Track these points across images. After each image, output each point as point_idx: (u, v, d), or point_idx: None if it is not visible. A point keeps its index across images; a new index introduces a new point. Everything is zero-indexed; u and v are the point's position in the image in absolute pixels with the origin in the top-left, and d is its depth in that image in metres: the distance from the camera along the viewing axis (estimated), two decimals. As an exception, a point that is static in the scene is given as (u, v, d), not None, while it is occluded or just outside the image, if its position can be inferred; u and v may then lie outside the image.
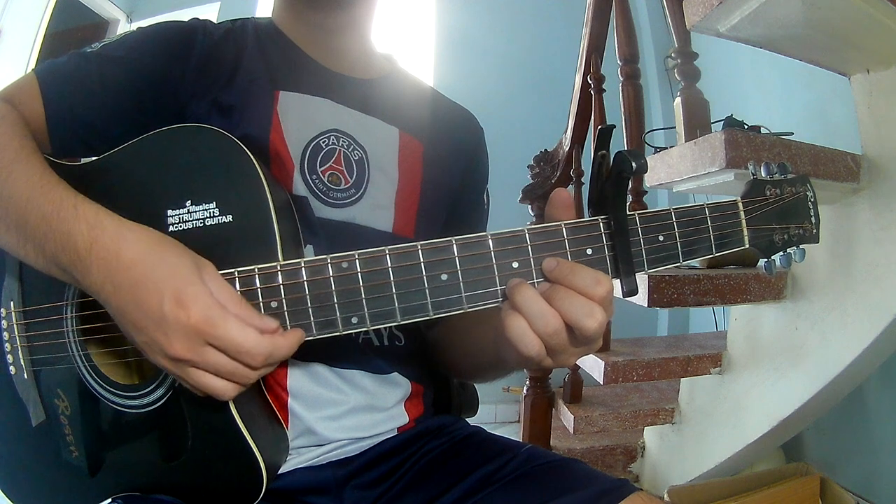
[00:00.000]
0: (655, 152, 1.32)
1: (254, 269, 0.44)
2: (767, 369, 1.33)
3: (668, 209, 0.47)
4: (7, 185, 0.48)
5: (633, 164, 0.43)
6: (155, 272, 0.42)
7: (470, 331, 0.63)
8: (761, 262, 0.52)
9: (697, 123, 1.28)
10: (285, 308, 0.44)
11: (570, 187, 1.81)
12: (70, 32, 2.71)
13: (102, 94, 0.57)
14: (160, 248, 0.43)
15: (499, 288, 0.44)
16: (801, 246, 0.52)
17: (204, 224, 0.48)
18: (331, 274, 0.44)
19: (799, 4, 0.92)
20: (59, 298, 0.55)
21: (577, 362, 1.65)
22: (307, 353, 0.58)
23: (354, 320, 0.44)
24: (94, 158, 0.56)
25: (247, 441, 0.49)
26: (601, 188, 0.46)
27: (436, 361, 0.71)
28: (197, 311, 0.41)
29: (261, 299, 0.44)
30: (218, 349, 0.41)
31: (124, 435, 0.55)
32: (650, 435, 1.79)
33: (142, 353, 0.44)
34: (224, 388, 0.43)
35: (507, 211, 1.07)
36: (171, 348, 0.41)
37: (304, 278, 0.44)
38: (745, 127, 1.17)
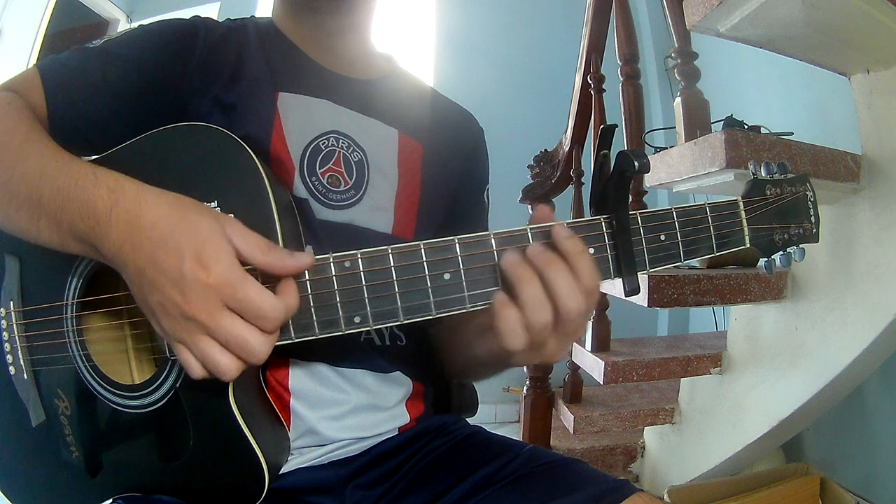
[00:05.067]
0: (655, 152, 1.32)
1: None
2: (767, 369, 1.33)
3: (670, 208, 0.47)
4: (18, 165, 0.48)
5: (636, 164, 0.43)
6: (176, 231, 0.41)
7: (454, 327, 0.63)
8: (761, 261, 0.52)
9: (697, 123, 1.28)
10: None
11: (570, 187, 1.81)
12: (70, 32, 2.71)
13: (105, 90, 0.57)
14: (182, 209, 0.43)
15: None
16: (800, 245, 0.52)
17: (205, 223, 0.48)
18: (333, 273, 0.44)
19: (799, 4, 0.92)
20: (59, 298, 0.55)
21: (577, 363, 1.66)
22: (309, 353, 0.58)
23: (357, 320, 0.44)
24: (95, 157, 0.56)
25: (248, 441, 0.49)
26: (603, 188, 0.46)
27: (436, 360, 0.71)
28: (217, 270, 0.40)
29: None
30: (235, 312, 0.40)
31: (125, 435, 0.55)
32: (650, 435, 1.79)
33: (151, 320, 0.43)
34: (228, 366, 0.41)
35: (507, 211, 1.07)
36: (188, 306, 0.40)
37: (307, 277, 0.44)
38: (745, 127, 1.17)
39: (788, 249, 0.51)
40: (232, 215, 0.44)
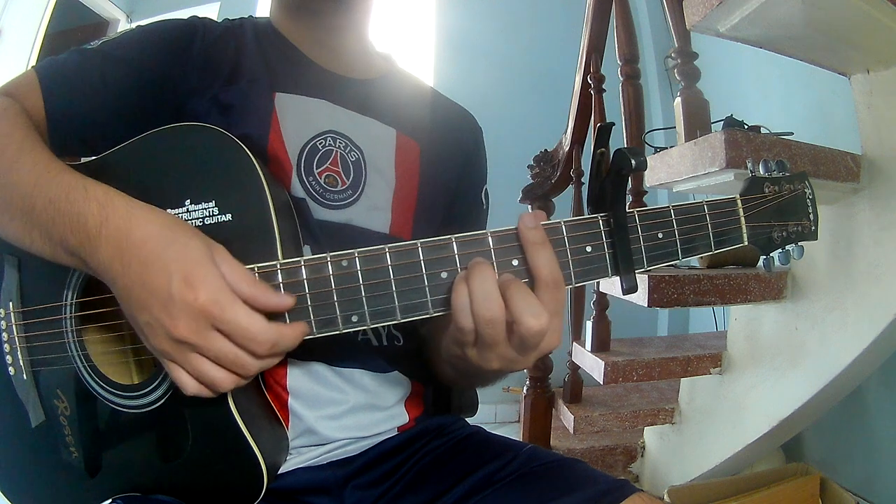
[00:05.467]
0: (655, 152, 1.32)
1: (254, 267, 0.44)
2: (767, 369, 1.33)
3: (668, 206, 0.47)
4: (12, 173, 0.48)
5: (633, 162, 0.43)
6: (165, 252, 0.41)
7: (438, 339, 0.62)
8: (761, 259, 0.52)
9: (697, 123, 1.28)
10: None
11: (570, 187, 1.81)
12: (70, 32, 2.71)
13: (103, 91, 0.57)
14: (172, 229, 0.43)
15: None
16: (799, 243, 0.52)
17: (203, 223, 0.48)
18: (330, 272, 0.44)
19: (799, 4, 0.92)
20: (58, 298, 0.55)
21: (577, 363, 1.65)
22: (307, 353, 0.58)
23: (355, 319, 0.44)
24: (93, 158, 0.56)
25: (247, 440, 0.49)
26: (600, 186, 0.46)
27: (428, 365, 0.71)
28: (205, 292, 0.40)
29: (260, 298, 0.44)
30: (223, 334, 0.41)
31: (124, 435, 0.55)
32: (650, 435, 1.79)
33: (142, 337, 0.43)
34: (222, 380, 0.42)
35: (507, 211, 1.07)
36: (176, 329, 0.40)
37: (304, 277, 0.44)
38: (745, 127, 1.17)
39: (787, 247, 0.51)
40: (221, 246, 0.44)
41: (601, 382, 1.45)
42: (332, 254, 0.44)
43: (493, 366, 0.44)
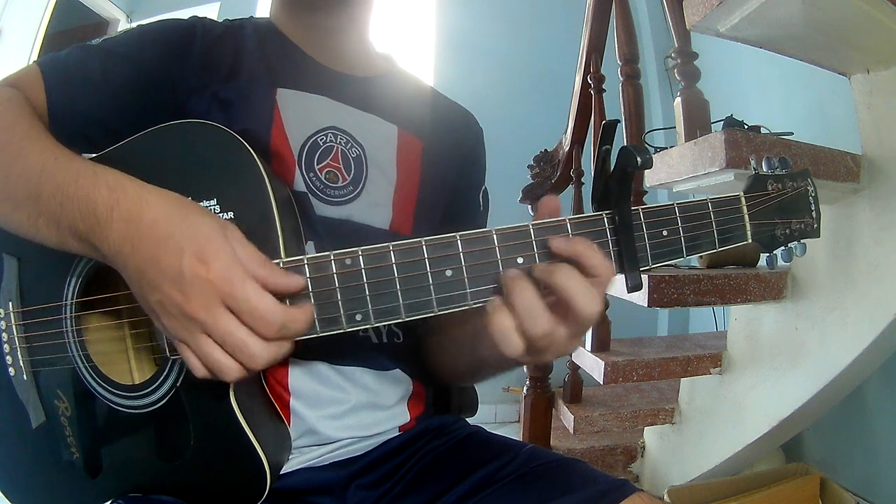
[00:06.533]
0: (655, 152, 1.32)
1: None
2: (767, 369, 1.33)
3: (672, 204, 0.47)
4: (18, 162, 0.47)
5: (638, 160, 0.43)
6: (177, 230, 0.41)
7: (447, 330, 0.62)
8: (763, 256, 0.52)
9: (697, 123, 1.28)
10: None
11: (570, 187, 1.81)
12: (70, 32, 2.71)
13: (104, 87, 0.57)
14: (183, 209, 0.43)
15: None
16: (802, 240, 0.52)
17: (205, 221, 0.48)
18: (334, 271, 0.43)
19: (799, 4, 0.92)
20: (58, 298, 0.55)
21: (577, 363, 1.65)
22: (308, 352, 0.58)
23: (358, 317, 0.44)
24: (94, 155, 0.56)
25: (250, 440, 0.49)
26: (605, 184, 0.46)
27: (426, 362, 0.70)
28: (217, 267, 0.40)
29: (263, 297, 0.44)
30: (233, 312, 0.40)
31: (125, 435, 0.55)
32: (650, 435, 1.79)
33: (153, 318, 0.43)
34: (228, 367, 0.41)
35: (507, 211, 1.07)
36: (188, 304, 0.40)
37: (307, 275, 0.43)
38: (745, 127, 1.17)
39: (790, 245, 0.51)
40: (233, 225, 0.44)
41: (601, 382, 1.45)
42: (335, 252, 0.44)
43: (548, 360, 0.44)
